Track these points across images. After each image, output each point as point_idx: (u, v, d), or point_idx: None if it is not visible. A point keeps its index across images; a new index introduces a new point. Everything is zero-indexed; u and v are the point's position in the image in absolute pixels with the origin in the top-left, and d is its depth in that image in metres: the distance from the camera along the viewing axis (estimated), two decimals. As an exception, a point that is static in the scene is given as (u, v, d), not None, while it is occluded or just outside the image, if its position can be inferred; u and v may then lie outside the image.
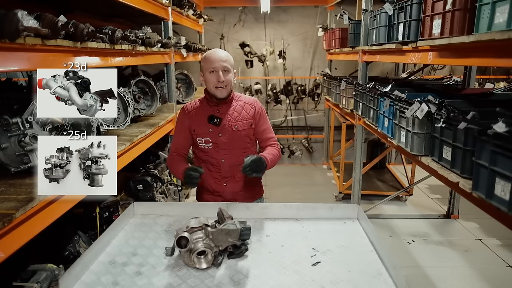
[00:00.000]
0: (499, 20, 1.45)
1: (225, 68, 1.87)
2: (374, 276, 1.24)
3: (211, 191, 2.00)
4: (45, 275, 1.69)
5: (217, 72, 1.87)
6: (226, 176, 1.97)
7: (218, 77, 1.86)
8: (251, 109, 1.99)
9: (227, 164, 1.95)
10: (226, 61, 1.88)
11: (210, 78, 1.89)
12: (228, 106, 1.96)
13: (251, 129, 1.99)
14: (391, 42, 2.86)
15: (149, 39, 2.78)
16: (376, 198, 4.59)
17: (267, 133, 2.03)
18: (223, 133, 1.92)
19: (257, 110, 2.00)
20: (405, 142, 2.34)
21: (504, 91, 2.92)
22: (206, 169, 1.97)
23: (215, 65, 1.87)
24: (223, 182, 1.97)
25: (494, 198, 1.43)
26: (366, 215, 1.62)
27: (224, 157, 1.94)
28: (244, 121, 1.96)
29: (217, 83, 1.87)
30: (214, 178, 1.98)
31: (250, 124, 1.98)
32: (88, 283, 1.22)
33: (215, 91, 1.90)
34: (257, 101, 2.05)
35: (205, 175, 1.97)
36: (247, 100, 2.02)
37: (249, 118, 1.97)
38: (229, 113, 1.95)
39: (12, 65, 1.41)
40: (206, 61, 1.90)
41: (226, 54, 1.92)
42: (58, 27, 1.55)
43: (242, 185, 1.99)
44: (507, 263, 3.30)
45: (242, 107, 1.98)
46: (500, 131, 1.30)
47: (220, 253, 1.32)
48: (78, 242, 2.26)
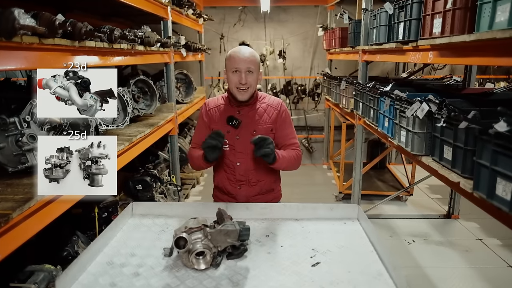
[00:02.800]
0: (500, 18, 1.44)
1: (249, 69, 1.77)
2: (374, 276, 1.23)
3: (226, 193, 1.95)
4: (43, 276, 1.68)
5: (240, 73, 1.76)
6: (240, 179, 1.89)
7: (240, 79, 1.76)
8: (273, 112, 1.88)
9: (243, 168, 1.87)
10: (251, 61, 1.77)
11: (232, 78, 1.79)
12: (250, 108, 1.86)
13: (271, 133, 1.86)
14: (392, 41, 2.85)
15: (148, 38, 2.77)
16: (376, 198, 4.58)
17: (289, 138, 1.90)
18: (241, 136, 1.83)
19: (280, 114, 1.88)
20: (405, 141, 2.33)
21: (505, 91, 2.91)
22: (223, 170, 1.92)
23: (239, 66, 1.76)
24: (237, 185, 1.90)
25: (495, 198, 1.42)
26: (366, 215, 1.60)
27: (240, 161, 1.86)
28: (264, 125, 1.85)
29: (239, 85, 1.77)
30: (229, 180, 1.91)
31: (270, 129, 1.86)
32: (86, 284, 1.21)
33: (236, 92, 1.80)
34: (282, 104, 1.92)
35: (221, 176, 1.94)
36: (271, 102, 1.90)
37: (270, 122, 1.86)
38: (249, 115, 1.85)
39: (9, 64, 1.40)
40: (230, 59, 1.79)
41: (252, 53, 1.80)
42: (56, 26, 1.54)
43: (257, 189, 1.91)
44: (507, 263, 3.29)
45: (265, 110, 1.87)
46: (502, 131, 1.29)
47: (219, 253, 1.30)
48: (76, 243, 2.25)
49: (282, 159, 1.76)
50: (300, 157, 1.90)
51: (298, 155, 1.88)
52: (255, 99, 1.89)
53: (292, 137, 1.91)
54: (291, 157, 1.84)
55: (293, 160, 1.85)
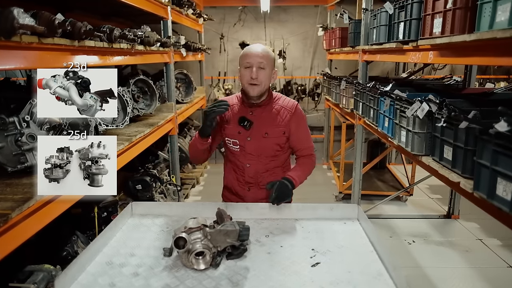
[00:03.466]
0: (501, 18, 1.44)
1: (260, 64, 1.74)
2: (374, 276, 1.23)
3: (234, 193, 1.93)
4: (42, 276, 1.68)
5: (251, 68, 1.74)
6: (249, 181, 1.87)
7: (251, 73, 1.74)
8: (287, 114, 1.83)
9: (252, 170, 1.85)
10: (263, 57, 1.75)
11: (244, 73, 1.77)
12: (263, 110, 1.83)
13: (283, 136, 1.83)
14: (392, 41, 2.85)
15: (148, 38, 2.77)
16: (376, 198, 4.58)
17: (304, 142, 1.88)
18: (252, 137, 1.80)
19: (294, 117, 1.84)
20: (405, 141, 2.33)
21: (505, 91, 2.91)
22: (232, 170, 1.91)
23: (250, 60, 1.74)
24: (246, 187, 1.88)
25: (495, 198, 1.42)
26: (366, 215, 1.60)
27: (250, 163, 1.84)
28: (277, 128, 1.82)
29: (250, 80, 1.75)
30: (238, 181, 1.90)
31: (283, 132, 1.82)
32: (85, 284, 1.20)
33: (248, 87, 1.77)
34: (297, 106, 1.88)
35: (230, 176, 1.92)
36: (285, 103, 1.86)
37: (283, 125, 1.82)
38: (262, 116, 1.82)
39: (8, 63, 1.39)
40: (243, 55, 1.78)
41: (265, 50, 1.78)
42: (55, 25, 1.54)
43: (266, 192, 1.84)
44: (507, 264, 3.28)
45: (278, 112, 1.83)
46: (502, 131, 1.28)
47: (218, 253, 1.30)
48: (76, 243, 2.25)
49: (298, 181, 1.78)
50: (314, 162, 1.91)
51: (312, 163, 1.90)
52: (269, 100, 1.85)
53: (306, 141, 1.89)
54: (305, 170, 1.85)
55: (308, 172, 1.87)
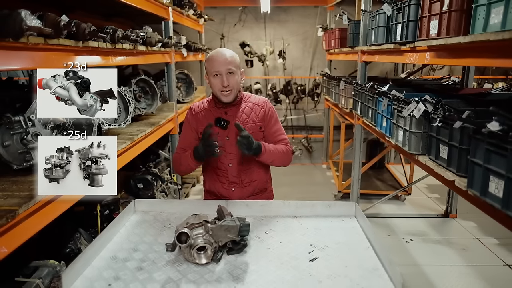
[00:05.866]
0: (494, 21, 1.48)
1: (229, 70, 1.77)
2: (370, 271, 1.27)
3: (219, 196, 1.94)
4: (47, 271, 1.71)
5: (221, 76, 1.77)
6: (233, 181, 1.90)
7: (222, 81, 1.77)
8: (260, 110, 1.90)
9: (235, 169, 1.88)
10: (230, 62, 1.77)
11: (214, 82, 1.80)
12: (237, 109, 1.88)
13: (260, 131, 1.89)
14: (390, 42, 2.89)
15: (149, 38, 2.81)
16: (375, 197, 4.61)
17: (278, 134, 1.92)
18: (231, 137, 1.84)
19: (267, 112, 1.91)
20: (402, 141, 2.37)
21: (501, 91, 2.94)
22: (214, 173, 1.92)
23: (219, 69, 1.77)
24: (231, 187, 1.91)
25: (488, 196, 1.46)
26: (365, 214, 1.63)
27: (232, 162, 1.87)
28: (253, 124, 1.87)
29: (222, 88, 1.79)
30: (221, 183, 1.91)
31: (259, 127, 1.89)
32: (90, 277, 1.24)
33: (221, 95, 1.81)
34: (268, 102, 1.95)
35: (213, 179, 1.93)
36: (256, 101, 1.93)
37: (258, 120, 1.88)
38: (237, 115, 1.87)
39: (15, 63, 1.44)
40: (209, 63, 1.80)
41: (231, 54, 1.80)
42: (61, 27, 1.58)
43: (250, 190, 1.93)
44: (504, 262, 3.32)
45: (251, 109, 1.89)
46: (494, 130, 1.32)
47: (219, 249, 1.34)
48: (79, 240, 2.29)
49: (268, 150, 1.79)
50: (289, 152, 1.91)
51: (287, 150, 1.89)
52: (241, 99, 1.90)
53: (281, 133, 1.94)
54: (280, 150, 1.86)
55: (282, 154, 1.87)
